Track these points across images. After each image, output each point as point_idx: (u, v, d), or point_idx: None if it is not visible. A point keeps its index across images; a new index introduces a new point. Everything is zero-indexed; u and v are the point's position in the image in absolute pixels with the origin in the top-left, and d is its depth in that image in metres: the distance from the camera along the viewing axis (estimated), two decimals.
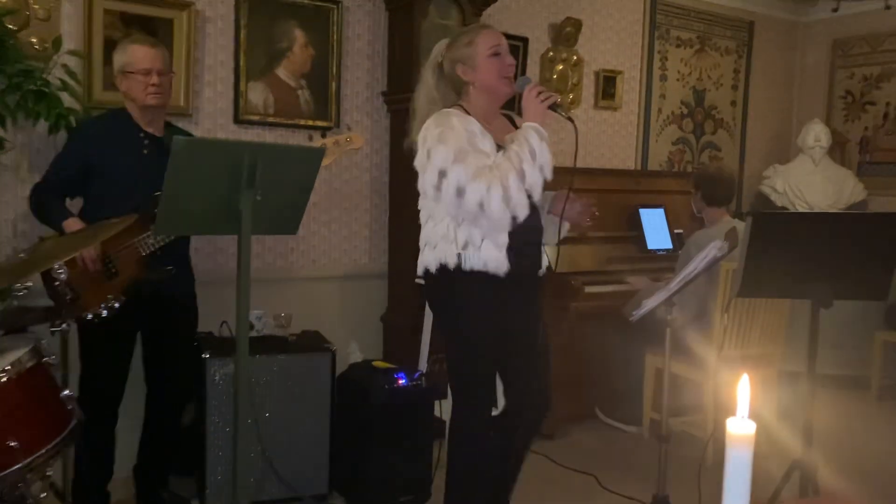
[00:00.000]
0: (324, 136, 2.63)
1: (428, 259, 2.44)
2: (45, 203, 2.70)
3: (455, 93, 2.47)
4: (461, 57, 2.42)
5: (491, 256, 2.34)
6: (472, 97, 2.43)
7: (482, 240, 2.34)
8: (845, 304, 2.49)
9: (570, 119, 2.37)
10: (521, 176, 2.22)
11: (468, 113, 2.40)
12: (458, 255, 2.36)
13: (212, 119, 3.61)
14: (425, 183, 2.36)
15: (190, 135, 3.03)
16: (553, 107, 2.34)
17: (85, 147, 2.71)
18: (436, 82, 2.48)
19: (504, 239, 2.34)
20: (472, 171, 2.23)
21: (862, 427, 4.26)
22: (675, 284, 2.71)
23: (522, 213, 2.27)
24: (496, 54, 2.39)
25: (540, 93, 2.33)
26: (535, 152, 2.25)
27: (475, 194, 2.23)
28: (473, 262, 2.35)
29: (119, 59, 2.72)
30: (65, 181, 2.71)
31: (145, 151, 2.72)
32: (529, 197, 2.27)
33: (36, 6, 3.13)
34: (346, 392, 3.25)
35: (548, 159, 2.29)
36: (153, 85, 2.67)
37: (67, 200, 2.76)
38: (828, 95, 5.84)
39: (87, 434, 2.42)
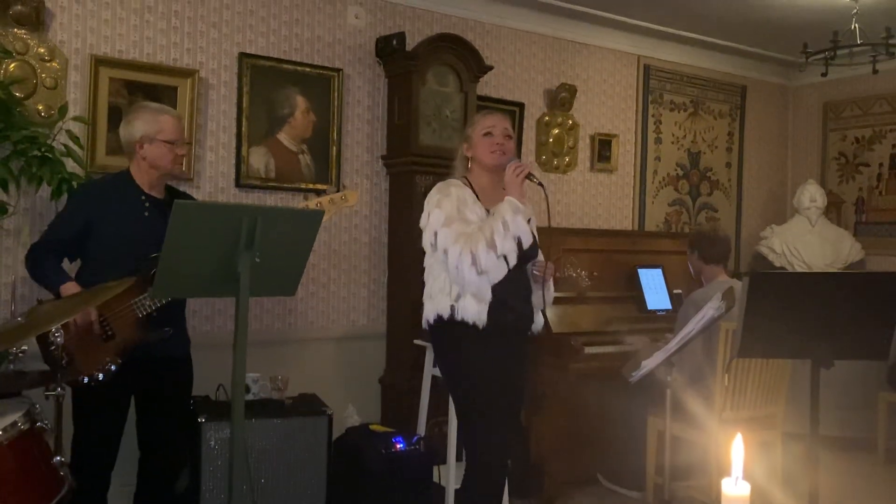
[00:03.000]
0: (319, 194, 2.66)
1: (428, 311, 2.68)
2: (42, 264, 2.69)
3: (464, 166, 2.80)
4: (466, 136, 2.81)
5: (474, 309, 2.57)
6: (474, 170, 2.76)
7: (468, 294, 2.57)
8: (847, 364, 2.47)
9: (540, 184, 2.64)
10: (492, 245, 2.50)
11: (469, 184, 2.71)
12: (452, 307, 2.59)
13: (213, 183, 3.66)
14: (425, 240, 2.67)
15: (190, 198, 3.06)
16: (529, 177, 2.61)
17: (85, 208, 2.71)
18: (460, 156, 2.84)
19: (487, 294, 2.56)
20: (454, 236, 2.55)
21: (869, 491, 4.16)
22: (673, 345, 2.70)
23: (496, 275, 2.53)
24: (488, 134, 2.71)
25: (516, 168, 2.61)
26: (507, 223, 2.51)
27: (452, 257, 2.54)
28: (464, 313, 2.57)
29: (143, 126, 2.68)
30: (64, 241, 2.71)
31: (146, 214, 2.72)
32: (509, 261, 2.53)
33: (44, 75, 3.22)
34: (343, 457, 3.19)
35: (523, 228, 2.55)
36: (181, 155, 2.75)
37: (66, 262, 2.77)
38: (821, 157, 5.93)
39: (79, 500, 2.37)
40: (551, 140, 4.76)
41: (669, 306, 4.36)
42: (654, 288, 4.42)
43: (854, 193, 5.73)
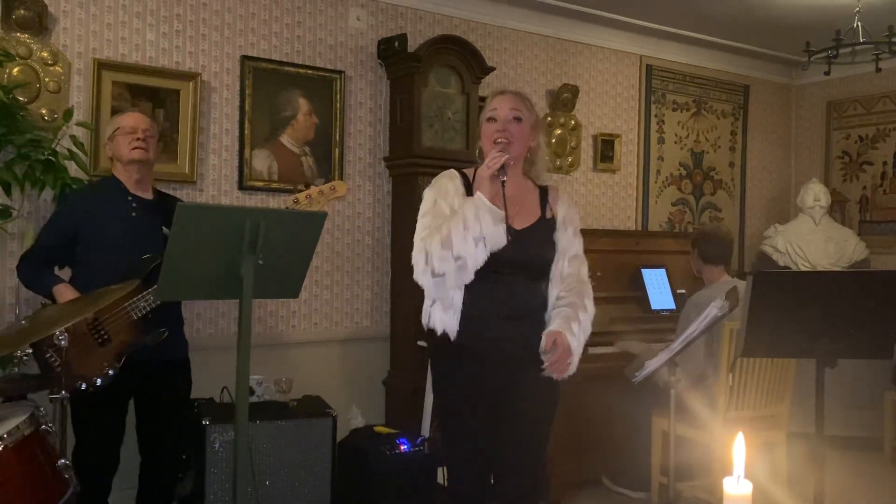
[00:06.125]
0: (307, 187, 2.60)
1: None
2: (32, 272, 2.70)
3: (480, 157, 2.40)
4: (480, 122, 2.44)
5: (439, 317, 2.28)
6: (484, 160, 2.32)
7: (437, 300, 2.30)
8: (853, 363, 2.46)
9: (502, 182, 2.20)
10: (447, 244, 2.16)
11: (464, 175, 2.38)
12: (427, 313, 2.34)
13: (216, 185, 3.66)
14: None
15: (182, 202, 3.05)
16: (500, 171, 2.19)
17: (72, 214, 2.71)
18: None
19: (455, 302, 2.25)
20: (421, 232, 2.28)
21: (875, 491, 4.15)
22: (676, 345, 2.69)
23: (454, 280, 2.21)
24: (491, 119, 2.36)
25: (490, 159, 2.22)
26: (467, 223, 2.16)
27: (415, 254, 2.28)
28: (433, 321, 2.31)
29: (108, 129, 2.78)
30: (52, 248, 2.71)
31: (133, 214, 2.71)
32: (468, 265, 2.19)
33: (47, 79, 3.23)
34: (348, 458, 3.19)
35: (489, 231, 2.16)
36: (137, 139, 2.69)
37: (56, 269, 2.75)
38: (825, 156, 5.92)
39: None
40: (554, 140, 4.76)
41: (673, 306, 4.36)
42: (658, 288, 4.41)
43: (858, 192, 5.72)
